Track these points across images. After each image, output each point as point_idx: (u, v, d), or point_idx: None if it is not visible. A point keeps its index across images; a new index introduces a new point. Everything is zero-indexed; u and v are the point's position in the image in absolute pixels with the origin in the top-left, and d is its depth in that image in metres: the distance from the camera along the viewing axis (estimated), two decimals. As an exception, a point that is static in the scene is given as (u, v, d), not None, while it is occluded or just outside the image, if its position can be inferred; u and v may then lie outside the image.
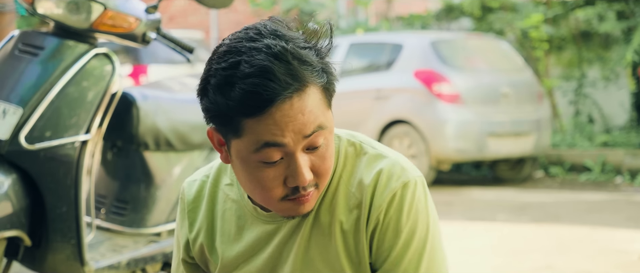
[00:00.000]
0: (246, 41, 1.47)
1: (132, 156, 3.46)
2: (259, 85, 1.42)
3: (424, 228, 1.57)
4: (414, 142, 8.73)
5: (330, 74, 1.51)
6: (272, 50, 1.44)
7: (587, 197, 7.85)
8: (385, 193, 1.55)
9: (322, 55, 1.51)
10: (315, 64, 1.48)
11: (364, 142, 1.63)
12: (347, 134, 1.64)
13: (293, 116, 1.45)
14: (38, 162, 2.89)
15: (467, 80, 8.88)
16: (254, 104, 1.43)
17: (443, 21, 12.46)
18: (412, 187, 1.56)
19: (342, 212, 1.58)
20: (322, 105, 1.49)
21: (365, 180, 1.58)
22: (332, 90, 1.52)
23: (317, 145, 1.49)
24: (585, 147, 9.89)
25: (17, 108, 2.86)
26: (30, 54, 2.97)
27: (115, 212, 3.46)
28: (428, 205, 1.59)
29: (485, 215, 6.75)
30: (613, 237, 5.69)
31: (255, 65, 1.43)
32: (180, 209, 1.75)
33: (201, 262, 1.75)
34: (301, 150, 1.48)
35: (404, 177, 1.56)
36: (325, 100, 1.50)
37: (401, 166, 1.58)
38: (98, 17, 3.00)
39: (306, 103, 1.46)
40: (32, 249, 3.01)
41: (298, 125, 1.46)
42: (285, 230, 1.62)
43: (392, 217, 1.55)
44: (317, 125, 1.48)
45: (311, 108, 1.46)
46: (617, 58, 10.41)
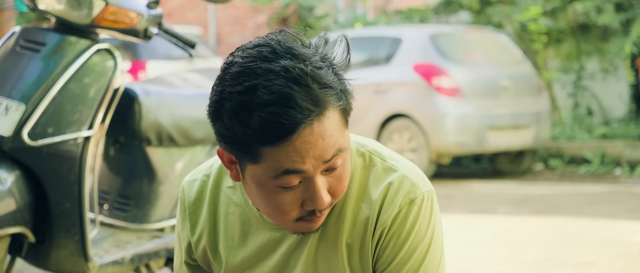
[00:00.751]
0: (261, 61, 1.41)
1: (134, 152, 3.45)
2: (279, 115, 1.37)
3: (424, 247, 1.56)
4: (413, 135, 8.73)
5: (348, 92, 1.47)
6: (291, 74, 1.38)
7: (587, 189, 7.85)
8: (391, 209, 1.54)
9: (339, 73, 1.46)
10: (335, 86, 1.43)
11: (374, 153, 1.60)
12: (356, 144, 1.60)
13: (314, 142, 1.40)
14: (41, 158, 2.89)
15: (467, 73, 8.88)
16: (274, 133, 1.38)
17: (441, 15, 12.45)
18: (418, 203, 1.54)
19: (349, 226, 1.56)
20: (341, 126, 1.45)
21: (373, 195, 1.55)
22: (350, 109, 1.48)
23: (335, 167, 1.46)
24: (584, 139, 9.90)
25: (19, 104, 2.85)
26: (31, 50, 2.96)
27: (118, 208, 3.45)
28: (432, 222, 1.57)
29: (486, 208, 6.76)
30: (614, 229, 5.70)
31: (275, 91, 1.37)
32: (181, 210, 1.71)
33: (204, 264, 1.72)
34: (320, 173, 1.45)
35: (411, 193, 1.54)
36: (344, 120, 1.46)
37: (410, 181, 1.55)
38: (99, 12, 2.99)
39: (326, 127, 1.41)
40: (36, 246, 3.00)
41: (318, 151, 1.41)
42: (292, 240, 1.60)
43: (394, 232, 1.54)
44: (337, 149, 1.44)
45: (331, 132, 1.42)
46: (615, 50, 10.42)
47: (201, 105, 3.60)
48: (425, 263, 1.56)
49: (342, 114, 1.45)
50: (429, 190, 1.57)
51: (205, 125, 3.57)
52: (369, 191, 1.56)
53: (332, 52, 1.47)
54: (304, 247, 1.59)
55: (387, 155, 1.60)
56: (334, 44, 1.48)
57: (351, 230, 1.56)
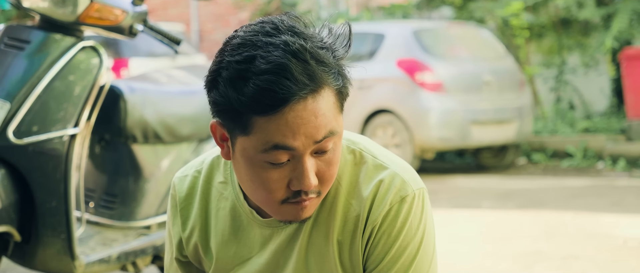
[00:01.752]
0: (262, 35, 1.41)
1: (120, 149, 3.44)
2: (274, 83, 1.37)
3: (415, 245, 1.55)
4: (397, 131, 8.74)
5: (345, 77, 1.46)
6: (290, 48, 1.39)
7: (570, 183, 7.90)
8: (381, 207, 1.52)
9: (339, 57, 1.46)
10: (333, 66, 1.43)
11: (364, 150, 1.58)
12: (347, 140, 1.59)
13: (306, 118, 1.40)
14: (27, 156, 2.87)
15: (450, 68, 8.90)
16: (268, 101, 1.38)
17: (424, 10, 12.47)
18: (409, 201, 1.53)
19: (340, 223, 1.55)
20: (335, 109, 1.44)
21: (363, 192, 1.54)
22: (346, 94, 1.47)
23: (326, 149, 1.45)
24: (566, 133, 9.95)
25: (4, 102, 2.84)
26: (16, 48, 2.94)
27: (104, 206, 3.44)
28: (423, 220, 1.56)
29: (470, 203, 6.78)
30: (598, 222, 5.73)
31: (272, 61, 1.38)
32: (172, 206, 1.69)
33: (195, 261, 1.71)
34: (309, 154, 1.44)
35: (402, 191, 1.53)
36: (339, 104, 1.45)
37: (401, 179, 1.54)
38: (84, 10, 2.98)
39: (320, 105, 1.41)
40: (22, 245, 2.99)
41: (310, 128, 1.41)
42: (283, 237, 1.59)
43: (385, 230, 1.53)
44: (329, 130, 1.43)
45: (324, 111, 1.41)
46: (596, 45, 10.47)
47: (187, 102, 3.63)
48: (417, 261, 1.55)
49: (338, 96, 1.44)
50: (420, 188, 1.56)
51: (191, 122, 3.56)
52: (359, 188, 1.55)
53: (334, 38, 1.47)
54: (294, 244, 1.58)
55: (379, 152, 1.59)
56: (336, 32, 1.48)
57: (342, 227, 1.55)
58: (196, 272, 1.73)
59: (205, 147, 3.64)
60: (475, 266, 4.54)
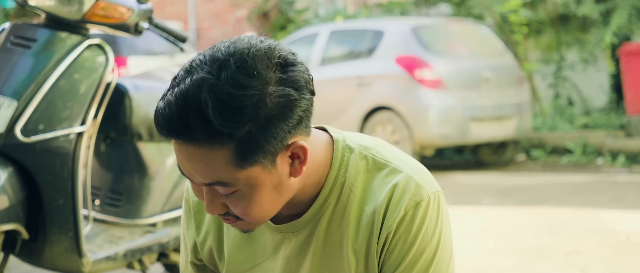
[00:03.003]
0: (197, 62, 1.37)
1: (125, 147, 3.44)
2: (159, 115, 1.36)
3: (432, 249, 1.52)
4: (397, 128, 8.75)
5: (256, 137, 1.35)
6: (189, 87, 1.34)
7: (570, 179, 7.91)
8: (396, 212, 1.50)
9: (264, 107, 1.35)
10: (227, 131, 1.33)
11: (377, 155, 1.55)
12: (360, 146, 1.56)
13: (185, 159, 1.38)
14: (34, 154, 2.88)
15: (449, 65, 8.91)
16: (157, 129, 1.38)
17: (422, 7, 12.48)
18: (424, 206, 1.51)
19: (354, 230, 1.53)
20: (228, 165, 1.36)
21: (378, 198, 1.52)
22: (250, 153, 1.36)
23: (224, 193, 1.41)
24: (566, 129, 9.96)
25: (11, 101, 2.84)
26: (22, 46, 2.95)
27: (110, 204, 3.44)
28: (438, 223, 1.53)
29: (470, 200, 6.79)
30: (600, 218, 5.74)
31: (174, 93, 1.35)
32: (185, 210, 1.68)
33: (211, 264, 1.70)
34: (208, 188, 1.42)
35: (417, 196, 1.51)
36: (236, 160, 1.36)
37: (416, 183, 1.52)
38: (90, 8, 2.98)
39: (198, 157, 1.36)
40: (29, 242, 2.99)
41: (190, 170, 1.39)
42: (294, 244, 1.57)
43: (400, 236, 1.51)
44: (216, 180, 1.38)
45: (207, 163, 1.36)
46: (595, 40, 10.48)
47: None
48: (434, 266, 1.53)
49: (237, 155, 1.36)
50: (436, 191, 1.54)
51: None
52: (373, 194, 1.53)
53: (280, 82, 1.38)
54: (307, 251, 1.57)
55: (392, 156, 1.57)
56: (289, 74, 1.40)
57: (356, 235, 1.53)
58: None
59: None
60: (478, 262, 4.55)
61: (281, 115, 1.37)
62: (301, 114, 1.40)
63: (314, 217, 1.55)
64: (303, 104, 1.40)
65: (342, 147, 1.55)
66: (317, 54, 9.67)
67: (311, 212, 1.54)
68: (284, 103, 1.37)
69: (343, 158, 1.54)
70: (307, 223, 1.55)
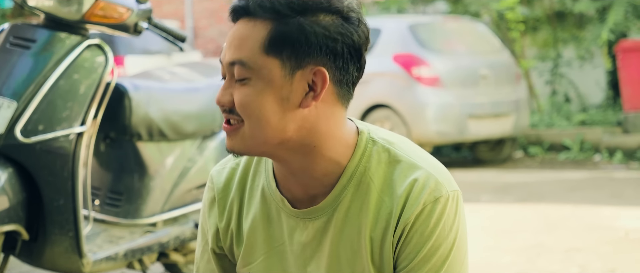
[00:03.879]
0: None
1: (125, 147, 3.44)
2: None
3: (448, 246, 1.54)
4: (395, 125, 8.75)
5: (293, 28, 1.48)
6: None
7: (568, 176, 7.92)
8: (415, 206, 1.52)
9: (313, 16, 1.48)
10: (277, 6, 1.47)
11: (400, 150, 1.58)
12: (383, 140, 1.59)
13: (230, 38, 1.51)
14: (34, 155, 2.88)
15: (446, 63, 8.92)
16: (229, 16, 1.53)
17: (419, 4, 12.48)
18: (442, 202, 1.53)
19: (372, 220, 1.55)
20: (258, 44, 1.47)
21: (397, 190, 1.54)
22: (279, 40, 1.48)
23: (238, 77, 1.49)
24: (563, 126, 9.98)
25: (11, 101, 2.84)
26: (21, 47, 2.95)
27: (110, 204, 3.44)
28: (456, 222, 1.55)
29: (469, 197, 6.79)
30: (598, 214, 5.76)
31: None
32: (209, 198, 1.70)
33: (229, 253, 1.71)
34: (229, 74, 1.51)
35: (436, 191, 1.53)
36: (265, 42, 1.47)
37: (436, 179, 1.54)
38: (89, 8, 2.98)
39: (243, 32, 1.49)
40: (30, 243, 2.99)
41: (228, 47, 1.51)
42: (311, 230, 1.59)
43: (417, 229, 1.53)
44: (239, 58, 1.48)
45: (244, 38, 1.48)
46: (592, 37, 10.49)
47: (190, 99, 3.63)
48: (448, 263, 1.55)
49: (270, 37, 1.47)
50: (455, 190, 1.56)
51: (195, 119, 3.57)
52: (393, 186, 1.55)
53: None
54: (324, 238, 1.58)
55: (414, 153, 1.59)
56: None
57: (374, 224, 1.55)
58: (229, 266, 1.73)
59: (209, 144, 3.64)
60: (478, 259, 4.55)
61: (326, 33, 1.48)
62: (337, 49, 1.50)
63: (332, 204, 1.57)
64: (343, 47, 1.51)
65: (366, 139, 1.58)
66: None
67: (330, 198, 1.56)
68: (335, 30, 1.49)
69: (366, 149, 1.57)
70: (325, 209, 1.57)
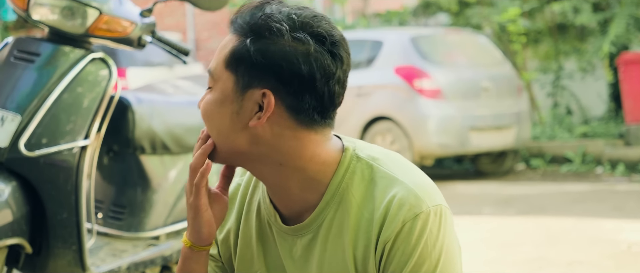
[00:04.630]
0: None
1: (128, 160, 3.45)
2: None
3: (432, 263, 1.51)
4: (396, 138, 8.76)
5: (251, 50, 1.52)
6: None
7: (570, 188, 7.91)
8: (394, 223, 1.50)
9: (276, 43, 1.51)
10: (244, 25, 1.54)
11: (383, 166, 1.56)
12: (368, 156, 1.58)
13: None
14: (38, 168, 2.88)
15: (448, 75, 8.93)
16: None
17: (420, 17, 12.50)
18: (423, 218, 1.50)
19: (354, 237, 1.54)
20: (223, 58, 1.54)
21: (377, 207, 1.53)
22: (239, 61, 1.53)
23: (208, 85, 1.58)
24: (565, 138, 9.97)
25: (15, 115, 2.84)
26: (26, 60, 2.95)
27: (113, 217, 3.44)
28: (440, 237, 1.51)
29: (471, 209, 6.79)
30: (601, 227, 5.75)
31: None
32: None
33: (229, 266, 1.73)
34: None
35: (416, 208, 1.50)
36: (227, 58, 1.54)
37: (415, 195, 1.51)
38: (93, 22, 2.99)
39: (222, 44, 1.57)
40: (33, 257, 2.99)
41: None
42: (300, 246, 1.59)
43: (399, 247, 1.50)
44: (212, 67, 1.57)
45: (219, 50, 1.56)
46: (593, 49, 10.50)
47: (193, 112, 3.62)
48: None
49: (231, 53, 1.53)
50: (437, 205, 1.52)
51: (197, 132, 3.56)
52: (373, 202, 1.53)
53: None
54: (311, 254, 1.59)
55: (398, 167, 1.57)
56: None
57: (356, 241, 1.54)
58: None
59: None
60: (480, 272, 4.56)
61: (277, 62, 1.49)
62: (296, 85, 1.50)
63: (316, 221, 1.57)
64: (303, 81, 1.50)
65: (351, 156, 1.57)
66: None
67: (314, 216, 1.57)
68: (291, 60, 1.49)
69: (349, 166, 1.56)
70: (310, 226, 1.58)
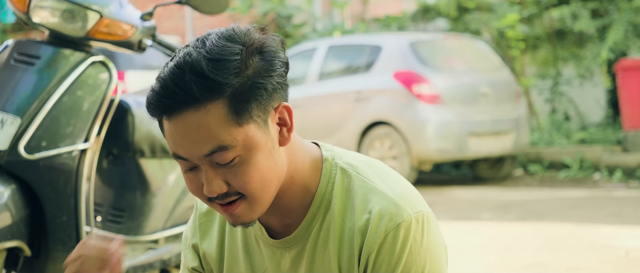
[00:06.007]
0: (179, 50, 1.45)
1: (127, 164, 3.44)
2: (155, 93, 1.41)
3: (418, 269, 1.49)
4: (395, 143, 8.76)
5: (247, 89, 1.41)
6: (180, 59, 1.40)
7: (568, 194, 7.92)
8: (376, 235, 1.48)
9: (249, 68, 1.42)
10: (221, 80, 1.38)
11: (361, 174, 1.54)
12: (347, 165, 1.55)
13: (183, 133, 1.40)
14: (37, 171, 2.87)
15: (447, 80, 8.94)
16: (150, 111, 1.43)
17: (419, 22, 12.51)
18: (405, 227, 1.48)
19: (338, 248, 1.52)
20: (226, 122, 1.40)
21: (358, 217, 1.50)
22: (244, 106, 1.41)
23: (224, 162, 1.42)
24: (563, 144, 9.98)
25: (15, 118, 2.84)
26: (26, 63, 2.95)
27: (112, 220, 3.44)
28: (424, 243, 1.49)
29: (469, 215, 6.79)
30: (598, 233, 5.75)
31: (166, 69, 1.42)
32: (193, 220, 1.70)
33: None
34: (208, 164, 1.43)
35: (397, 217, 1.48)
36: (232, 116, 1.40)
37: (396, 204, 1.49)
38: (94, 25, 2.99)
39: (194, 124, 1.39)
40: (32, 259, 2.98)
41: (190, 142, 1.41)
42: (288, 259, 1.58)
43: (384, 258, 1.48)
44: (216, 145, 1.40)
45: (203, 126, 1.39)
46: (592, 56, 10.52)
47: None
48: None
49: (231, 109, 1.40)
50: (419, 212, 1.50)
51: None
52: (354, 213, 1.51)
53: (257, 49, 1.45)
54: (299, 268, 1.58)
55: (376, 177, 1.54)
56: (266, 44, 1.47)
57: (340, 252, 1.53)
58: None
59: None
60: (478, 278, 4.56)
61: (267, 71, 1.43)
62: (279, 80, 1.46)
63: (304, 233, 1.55)
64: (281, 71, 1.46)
65: (331, 165, 1.55)
66: (315, 68, 9.69)
67: (301, 229, 1.55)
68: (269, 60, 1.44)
69: (331, 175, 1.54)
70: (298, 239, 1.56)
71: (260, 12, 13.70)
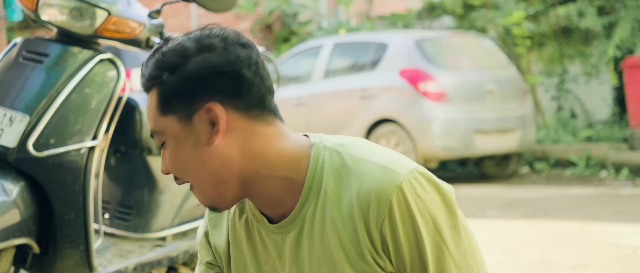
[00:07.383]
0: None
1: (135, 161, 3.46)
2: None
3: (443, 210, 1.52)
4: (401, 140, 8.76)
5: (173, 84, 1.54)
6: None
7: (574, 192, 7.91)
8: (381, 205, 1.49)
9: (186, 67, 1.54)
10: (155, 73, 1.55)
11: (350, 150, 1.57)
12: (334, 144, 1.58)
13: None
14: (46, 169, 2.88)
15: (453, 78, 8.93)
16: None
17: (425, 19, 12.50)
18: (407, 184, 1.48)
19: (337, 226, 1.54)
20: (156, 110, 1.56)
21: (354, 191, 1.52)
22: (171, 99, 1.54)
23: (158, 145, 1.59)
24: (569, 142, 9.97)
25: (23, 115, 2.85)
26: (34, 61, 2.96)
27: (120, 217, 3.46)
28: (431, 193, 1.51)
29: (475, 212, 6.79)
30: (605, 231, 5.74)
31: None
32: (206, 215, 1.75)
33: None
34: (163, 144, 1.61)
35: (395, 180, 1.49)
36: (159, 107, 1.55)
37: (388, 169, 1.50)
38: (102, 23, 3.00)
39: (147, 105, 1.59)
40: (40, 257, 3.00)
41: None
42: (289, 243, 1.60)
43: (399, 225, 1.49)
44: (152, 128, 1.58)
45: (149, 110, 1.58)
46: (598, 53, 10.50)
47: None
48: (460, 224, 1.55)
49: (159, 100, 1.55)
50: (412, 169, 1.51)
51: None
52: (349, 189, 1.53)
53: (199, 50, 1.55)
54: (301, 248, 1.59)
55: (364, 151, 1.57)
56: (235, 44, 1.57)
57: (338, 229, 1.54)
58: None
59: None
60: (485, 276, 4.55)
61: (198, 77, 1.53)
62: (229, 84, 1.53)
63: (298, 215, 1.57)
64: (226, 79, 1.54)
65: (319, 148, 1.58)
66: (320, 66, 9.69)
67: (296, 210, 1.57)
68: (209, 67, 1.53)
69: (319, 158, 1.57)
70: (294, 221, 1.58)
71: (266, 10, 13.70)
